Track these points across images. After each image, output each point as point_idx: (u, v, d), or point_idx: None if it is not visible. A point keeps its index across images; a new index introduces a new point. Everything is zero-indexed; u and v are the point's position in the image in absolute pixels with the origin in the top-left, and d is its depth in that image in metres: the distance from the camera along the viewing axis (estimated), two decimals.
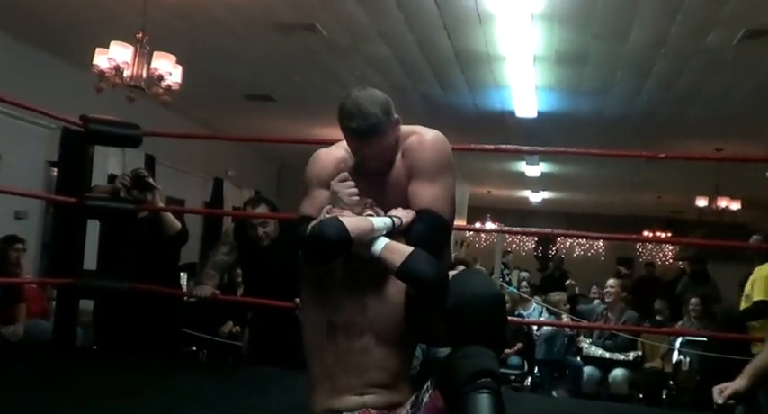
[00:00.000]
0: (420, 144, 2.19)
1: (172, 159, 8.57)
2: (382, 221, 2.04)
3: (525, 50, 5.96)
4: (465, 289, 1.94)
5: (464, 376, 1.75)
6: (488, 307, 1.92)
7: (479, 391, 1.72)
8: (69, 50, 6.43)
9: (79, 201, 3.79)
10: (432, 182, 2.15)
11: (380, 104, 2.14)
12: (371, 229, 1.99)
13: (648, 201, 14.03)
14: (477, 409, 1.71)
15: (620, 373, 5.95)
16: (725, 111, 7.44)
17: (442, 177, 2.16)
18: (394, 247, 1.98)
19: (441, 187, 2.15)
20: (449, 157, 2.21)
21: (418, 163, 2.16)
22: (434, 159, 2.17)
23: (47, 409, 2.60)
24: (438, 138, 2.22)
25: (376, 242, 1.99)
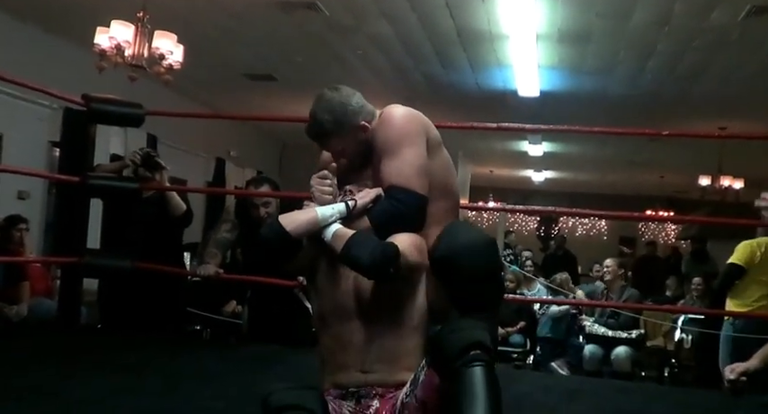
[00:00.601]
0: (382, 122, 2.16)
1: (174, 139, 8.56)
2: (331, 209, 2.04)
3: (528, 29, 5.93)
4: (453, 239, 1.94)
5: (455, 350, 1.74)
6: (480, 252, 1.93)
7: (471, 365, 1.72)
8: (71, 29, 6.41)
9: (82, 180, 3.80)
10: (394, 156, 2.09)
11: (333, 111, 2.15)
12: (315, 220, 2.01)
13: (651, 180, 14.01)
14: (471, 382, 1.70)
15: (622, 350, 5.98)
16: (729, 89, 7.40)
17: (405, 148, 2.09)
18: (339, 234, 1.99)
19: (404, 159, 2.08)
20: (414, 128, 2.14)
21: (381, 140, 2.13)
22: (396, 133, 2.11)
23: (51, 387, 2.63)
24: (402, 112, 2.17)
25: (325, 230, 2.01)
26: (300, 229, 2.00)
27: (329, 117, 2.14)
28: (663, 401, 3.20)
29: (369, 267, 1.92)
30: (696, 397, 3.54)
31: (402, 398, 1.91)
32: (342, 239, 1.97)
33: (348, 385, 1.99)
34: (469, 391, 1.70)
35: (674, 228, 16.08)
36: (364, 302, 2.01)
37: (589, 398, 3.11)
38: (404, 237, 2.02)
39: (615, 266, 6.29)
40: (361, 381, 1.98)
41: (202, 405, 2.47)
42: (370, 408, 1.95)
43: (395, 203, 2.05)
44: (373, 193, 2.09)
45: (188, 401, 2.52)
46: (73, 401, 2.44)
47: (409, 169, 2.07)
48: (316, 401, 1.79)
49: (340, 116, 2.15)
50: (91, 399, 2.49)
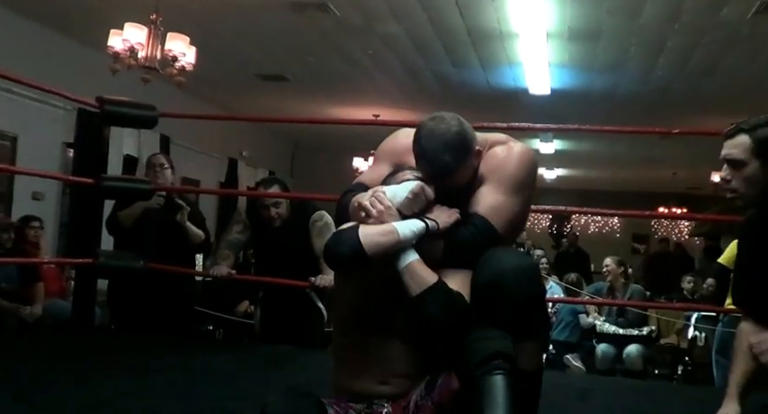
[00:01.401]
0: (504, 155, 2.05)
1: (187, 140, 8.62)
2: (411, 229, 1.90)
3: (538, 27, 5.94)
4: (499, 264, 1.90)
5: (477, 358, 1.77)
6: (526, 278, 1.90)
7: (492, 373, 1.75)
8: (84, 32, 6.47)
9: (96, 181, 3.84)
10: (500, 192, 2.00)
11: (451, 148, 1.95)
12: (396, 242, 1.88)
13: (664, 177, 13.95)
14: (490, 390, 1.74)
15: (634, 348, 5.96)
16: (740, 86, 7.38)
17: (514, 193, 2.01)
18: (415, 272, 1.88)
19: (509, 202, 2.00)
20: (532, 177, 2.07)
21: (495, 170, 2.02)
22: (515, 172, 2.02)
23: (65, 388, 2.66)
24: (526, 152, 2.07)
25: (401, 256, 1.89)
26: (379, 251, 1.87)
27: (451, 155, 1.95)
28: (675, 400, 3.21)
29: (439, 328, 1.87)
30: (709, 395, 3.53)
31: (416, 399, 1.91)
32: (418, 283, 1.87)
33: (362, 393, 1.97)
34: (488, 399, 1.73)
35: (686, 224, 15.99)
36: (400, 320, 1.96)
37: (601, 397, 3.12)
38: (464, 277, 1.94)
39: (614, 265, 6.27)
40: (376, 392, 1.96)
41: (215, 405, 2.49)
42: (382, 411, 1.94)
43: (474, 233, 1.96)
44: (454, 217, 1.98)
45: (200, 402, 2.54)
46: (86, 402, 2.46)
47: (506, 214, 2.00)
48: (312, 408, 1.77)
49: (459, 149, 1.97)
50: (103, 399, 2.51)
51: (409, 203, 1.94)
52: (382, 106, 9.17)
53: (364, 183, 2.13)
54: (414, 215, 1.95)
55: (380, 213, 1.92)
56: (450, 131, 1.96)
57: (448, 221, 1.96)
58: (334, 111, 9.66)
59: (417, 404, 1.90)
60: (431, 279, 1.88)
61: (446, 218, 1.96)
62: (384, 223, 1.91)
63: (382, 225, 1.91)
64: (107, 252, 3.84)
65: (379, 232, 1.89)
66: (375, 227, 1.90)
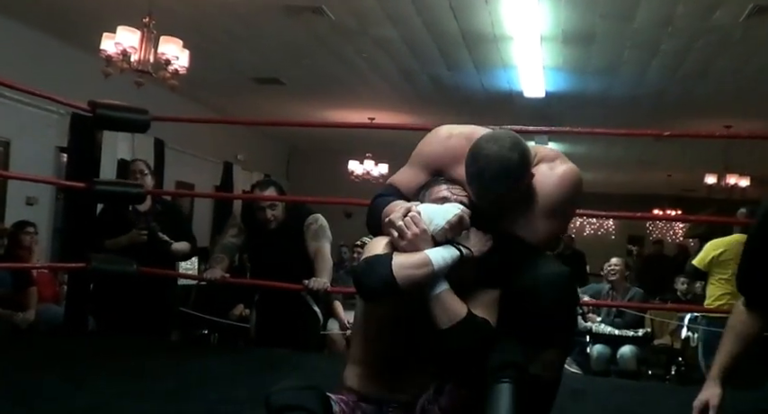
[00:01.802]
0: (547, 175, 1.97)
1: (181, 144, 8.62)
2: (445, 258, 1.85)
3: (532, 30, 5.95)
4: (536, 271, 1.90)
5: (490, 367, 1.80)
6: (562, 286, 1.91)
7: (500, 381, 1.78)
8: (77, 35, 6.46)
9: (88, 186, 3.83)
10: (549, 217, 1.96)
11: (510, 177, 1.85)
12: (429, 274, 1.83)
13: (658, 179, 13.99)
14: (496, 397, 1.77)
15: (628, 349, 5.97)
16: (733, 88, 7.41)
17: (553, 216, 1.96)
18: (446, 302, 1.84)
19: (546, 225, 1.96)
20: (573, 198, 2.00)
21: (545, 192, 1.95)
22: (555, 195, 1.95)
23: (57, 392, 2.65)
24: (569, 173, 1.99)
25: (434, 287, 1.85)
26: (412, 284, 1.82)
27: (508, 184, 1.87)
28: (668, 400, 3.21)
29: (463, 355, 1.86)
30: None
31: (423, 403, 1.92)
32: (449, 316, 1.84)
33: (372, 394, 1.98)
34: (492, 405, 1.77)
35: (681, 226, 16.03)
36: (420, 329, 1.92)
37: (594, 397, 3.12)
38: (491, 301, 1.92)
39: (623, 266, 6.30)
40: (386, 397, 1.97)
41: (208, 408, 2.49)
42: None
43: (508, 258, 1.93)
44: (488, 245, 1.92)
45: (194, 405, 2.54)
46: (78, 406, 2.46)
47: (541, 236, 1.96)
48: (318, 402, 1.77)
49: (518, 179, 1.88)
50: (97, 403, 2.51)
51: (445, 233, 1.87)
52: (377, 109, 9.18)
53: (397, 186, 2.09)
54: (448, 242, 1.88)
55: (414, 237, 1.85)
56: (513, 159, 1.85)
57: (482, 249, 1.91)
58: (330, 114, 9.67)
59: (424, 408, 1.91)
60: (461, 312, 1.84)
61: (481, 246, 1.91)
62: (416, 248, 1.85)
63: (416, 255, 1.84)
64: (100, 256, 3.83)
65: (413, 265, 1.83)
66: (409, 257, 1.84)
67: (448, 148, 2.03)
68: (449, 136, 2.08)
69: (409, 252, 1.85)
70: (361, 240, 6.22)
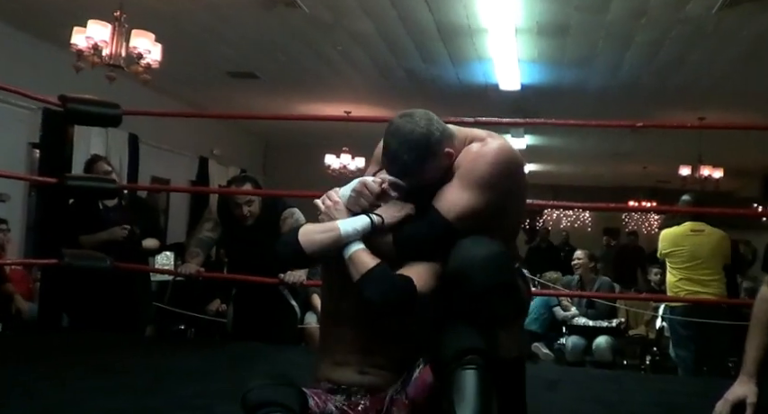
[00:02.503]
0: (475, 152, 1.99)
1: (156, 138, 8.55)
2: (354, 225, 1.92)
3: (506, 22, 5.95)
4: (464, 253, 1.89)
5: (451, 353, 1.78)
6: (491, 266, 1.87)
7: (466, 368, 1.76)
8: (47, 29, 6.37)
9: (60, 181, 3.79)
10: (464, 188, 1.94)
11: (414, 150, 1.92)
12: (336, 239, 1.91)
13: (634, 171, 14.09)
14: (463, 384, 1.75)
15: (603, 340, 6.03)
16: (707, 80, 7.46)
17: (477, 189, 1.93)
18: (357, 258, 1.90)
19: (469, 197, 1.93)
20: (503, 174, 1.97)
21: (465, 167, 1.97)
22: (483, 170, 1.95)
23: (31, 388, 2.63)
24: (501, 151, 1.98)
25: (346, 248, 1.92)
26: (319, 249, 1.92)
27: (412, 154, 1.93)
28: (642, 389, 3.24)
29: (381, 309, 1.87)
30: (675, 384, 3.58)
31: (392, 394, 1.94)
32: (358, 269, 1.89)
33: (342, 382, 1.99)
34: (461, 393, 1.74)
35: (657, 218, 16.17)
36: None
37: (570, 387, 3.15)
38: (421, 267, 1.93)
39: (586, 259, 6.35)
40: (356, 381, 1.97)
41: (184, 403, 2.48)
42: (360, 405, 1.95)
43: (424, 228, 1.94)
44: (404, 212, 1.98)
45: (169, 400, 2.52)
46: (54, 402, 2.44)
47: (464, 208, 1.93)
48: (295, 398, 1.78)
49: (423, 150, 1.93)
50: (70, 399, 2.49)
51: (354, 200, 1.99)
52: (353, 103, 9.16)
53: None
54: (363, 212, 1.97)
55: (328, 209, 2.00)
56: (415, 132, 1.93)
57: (396, 216, 1.97)
58: (306, 108, 9.63)
59: (392, 398, 1.93)
60: (371, 263, 1.89)
61: (394, 212, 1.97)
62: (333, 219, 1.97)
63: (324, 224, 1.97)
64: (73, 252, 3.79)
65: (318, 230, 1.95)
66: (316, 225, 1.98)
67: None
68: None
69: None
70: None
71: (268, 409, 1.72)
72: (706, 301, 4.88)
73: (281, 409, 1.72)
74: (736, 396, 1.82)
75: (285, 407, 1.73)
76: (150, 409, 2.41)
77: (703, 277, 4.98)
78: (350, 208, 1.99)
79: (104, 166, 4.31)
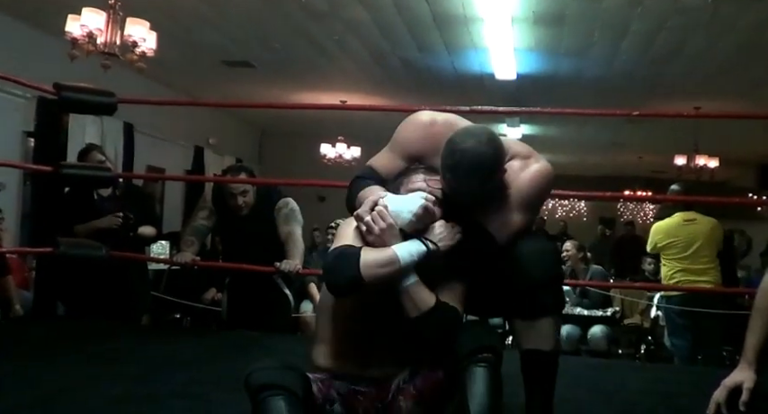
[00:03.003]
0: (520, 172, 2.03)
1: (151, 127, 8.52)
2: (411, 254, 1.87)
3: (502, 11, 5.94)
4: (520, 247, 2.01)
5: (465, 350, 1.83)
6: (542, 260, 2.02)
7: (477, 365, 1.81)
8: (42, 17, 6.34)
9: (55, 169, 3.78)
10: (518, 212, 2.01)
11: (483, 173, 1.89)
12: (395, 271, 1.86)
13: (630, 161, 14.10)
14: (476, 380, 1.80)
15: (598, 329, 6.05)
16: (703, 70, 7.46)
17: (523, 211, 2.02)
18: (415, 294, 1.87)
19: (522, 221, 2.02)
20: (544, 195, 2.11)
21: (517, 190, 2.01)
22: (536, 195, 2.04)
23: (27, 377, 2.63)
24: (542, 170, 2.05)
25: (402, 280, 1.88)
26: (378, 280, 1.85)
27: (481, 180, 1.90)
28: (638, 377, 3.25)
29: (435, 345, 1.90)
30: (670, 373, 3.59)
31: (398, 383, 1.96)
32: (417, 305, 1.87)
33: (343, 373, 1.99)
34: (474, 388, 1.79)
35: (652, 207, 16.20)
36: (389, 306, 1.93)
37: (565, 375, 3.13)
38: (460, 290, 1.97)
39: (574, 250, 6.36)
40: (357, 373, 1.98)
41: (179, 390, 2.48)
42: (362, 394, 1.97)
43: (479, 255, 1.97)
44: (456, 238, 1.94)
45: (164, 388, 2.52)
46: (49, 390, 2.44)
47: (511, 230, 2.00)
48: (299, 381, 1.78)
49: (491, 175, 1.93)
50: (67, 387, 2.50)
51: (412, 224, 1.91)
52: (349, 92, 9.14)
53: (376, 169, 2.11)
54: (417, 235, 1.91)
55: (382, 232, 1.89)
56: (487, 154, 1.89)
57: (449, 243, 1.92)
58: (301, 97, 9.60)
59: (399, 387, 1.95)
60: (430, 301, 1.88)
61: (449, 240, 1.93)
62: (384, 243, 1.88)
63: (383, 253, 1.87)
64: (68, 240, 3.78)
65: (380, 264, 1.85)
66: (376, 254, 1.86)
67: (428, 136, 2.05)
68: (431, 123, 2.09)
69: (378, 246, 1.88)
70: (335, 222, 6.22)
71: (271, 392, 1.71)
72: (704, 290, 4.90)
73: (284, 393, 1.71)
74: (734, 382, 1.85)
75: (288, 390, 1.73)
76: (146, 397, 2.42)
77: (700, 266, 5.01)
78: (405, 230, 1.91)
79: (98, 155, 4.29)
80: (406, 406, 1.92)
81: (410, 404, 1.92)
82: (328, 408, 1.91)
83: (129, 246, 4.11)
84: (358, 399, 1.96)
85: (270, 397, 1.70)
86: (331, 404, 1.92)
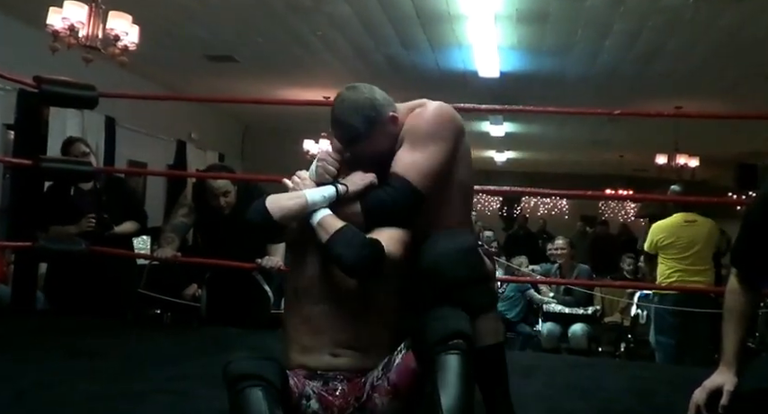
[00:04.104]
0: (418, 114, 2.10)
1: (133, 122, 8.46)
2: (321, 193, 2.00)
3: (486, 9, 5.94)
4: (434, 249, 1.96)
5: (435, 338, 1.80)
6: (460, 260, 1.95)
7: (449, 352, 1.78)
8: (23, 9, 6.27)
9: (35, 163, 3.75)
10: (415, 148, 2.03)
11: (360, 113, 2.03)
12: (303, 206, 1.99)
13: (611, 159, 14.17)
14: (447, 368, 1.76)
15: (579, 327, 6.08)
16: (684, 69, 7.50)
17: (428, 145, 2.03)
18: (325, 223, 1.97)
19: (423, 155, 2.02)
20: (446, 126, 2.09)
21: (409, 129, 2.07)
22: (426, 127, 2.06)
23: (4, 371, 2.61)
24: (439, 107, 2.10)
25: (314, 215, 1.99)
26: (287, 215, 1.99)
27: (358, 117, 2.03)
28: (617, 375, 3.27)
29: (352, 267, 1.92)
30: (649, 371, 3.62)
31: (372, 380, 1.94)
32: (327, 230, 1.95)
33: (316, 368, 1.99)
34: (442, 377, 1.76)
35: (633, 206, 16.31)
36: (336, 287, 2.01)
37: (544, 373, 3.16)
38: (390, 232, 2.00)
39: (568, 247, 6.38)
40: (329, 364, 1.99)
41: (158, 387, 2.47)
42: (337, 390, 1.96)
43: (390, 192, 2.01)
44: (367, 180, 2.05)
45: (143, 384, 2.52)
46: (26, 385, 2.43)
47: (420, 166, 2.02)
48: (276, 372, 1.78)
49: (369, 112, 2.04)
50: (44, 383, 2.48)
51: (321, 172, 2.08)
52: (332, 88, 9.02)
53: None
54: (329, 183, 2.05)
55: (296, 184, 2.08)
56: (360, 98, 2.06)
57: (359, 184, 2.04)
58: (285, 93, 9.57)
59: (373, 384, 1.93)
60: (339, 224, 1.96)
61: (358, 180, 2.04)
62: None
63: (291, 193, 2.05)
64: (47, 235, 3.75)
65: (285, 198, 2.02)
66: (283, 194, 2.03)
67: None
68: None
69: None
70: None
71: (249, 382, 1.71)
72: (703, 290, 4.91)
73: (262, 383, 1.71)
74: (714, 384, 1.85)
75: (266, 380, 1.73)
76: (127, 393, 2.41)
77: (698, 267, 5.03)
78: (317, 181, 2.07)
79: (82, 147, 4.26)
80: (382, 402, 1.91)
81: (386, 400, 1.91)
82: (305, 403, 1.91)
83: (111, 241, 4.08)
84: (334, 395, 1.95)
85: (248, 388, 1.70)
86: (307, 399, 1.92)
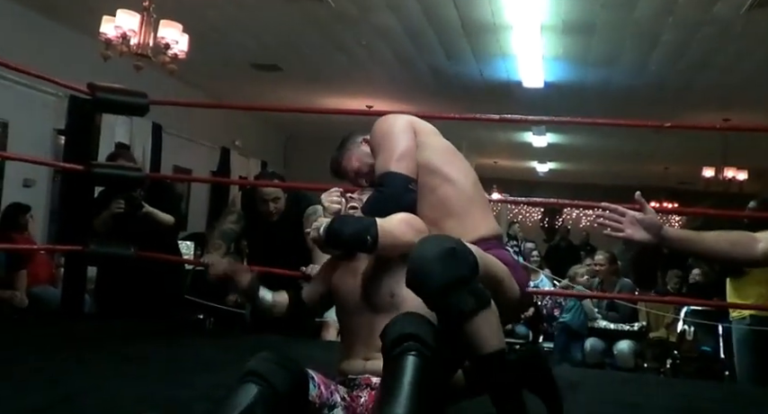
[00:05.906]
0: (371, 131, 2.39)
1: (179, 128, 8.59)
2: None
3: (532, 19, 5.93)
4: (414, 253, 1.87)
5: (390, 340, 1.76)
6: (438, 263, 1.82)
7: (399, 356, 1.73)
8: (77, 18, 6.42)
9: (86, 168, 3.82)
10: (379, 152, 2.29)
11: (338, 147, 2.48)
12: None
13: (655, 171, 14.00)
14: (398, 371, 1.71)
15: (626, 345, 5.92)
16: (733, 81, 7.40)
17: (386, 141, 2.28)
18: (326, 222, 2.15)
19: (385, 150, 2.26)
20: (395, 123, 2.33)
21: (371, 146, 2.36)
22: (378, 132, 2.33)
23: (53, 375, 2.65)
24: (385, 116, 2.40)
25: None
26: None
27: (337, 151, 2.47)
28: (664, 392, 3.22)
29: (348, 238, 2.04)
30: (697, 388, 3.55)
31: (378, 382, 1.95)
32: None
33: (350, 372, 2.03)
34: (394, 379, 1.70)
35: (677, 219, 16.05)
36: (369, 296, 2.09)
37: (591, 389, 3.13)
38: (397, 216, 2.11)
39: (608, 263, 6.25)
40: (361, 368, 2.01)
41: (203, 393, 2.49)
42: (359, 399, 1.96)
43: (380, 189, 2.22)
44: (367, 194, 2.26)
45: (189, 389, 2.53)
46: (74, 389, 2.46)
47: (389, 156, 2.24)
48: (286, 377, 1.77)
49: (343, 142, 2.46)
50: (92, 386, 2.51)
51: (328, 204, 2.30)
52: (375, 97, 9.15)
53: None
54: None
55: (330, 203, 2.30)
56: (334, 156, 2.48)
57: (363, 199, 2.25)
58: (328, 101, 9.64)
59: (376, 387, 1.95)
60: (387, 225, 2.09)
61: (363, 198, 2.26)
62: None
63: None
64: (97, 239, 3.82)
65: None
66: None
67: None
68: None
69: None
70: None
71: (250, 379, 1.75)
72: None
73: (261, 383, 1.74)
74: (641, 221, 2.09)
75: (267, 381, 1.74)
76: (171, 398, 2.42)
77: None
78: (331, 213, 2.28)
79: (124, 162, 4.30)
80: None
81: None
82: (326, 412, 1.90)
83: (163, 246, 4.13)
84: (357, 403, 1.95)
85: (245, 383, 1.75)
86: (330, 409, 1.91)
